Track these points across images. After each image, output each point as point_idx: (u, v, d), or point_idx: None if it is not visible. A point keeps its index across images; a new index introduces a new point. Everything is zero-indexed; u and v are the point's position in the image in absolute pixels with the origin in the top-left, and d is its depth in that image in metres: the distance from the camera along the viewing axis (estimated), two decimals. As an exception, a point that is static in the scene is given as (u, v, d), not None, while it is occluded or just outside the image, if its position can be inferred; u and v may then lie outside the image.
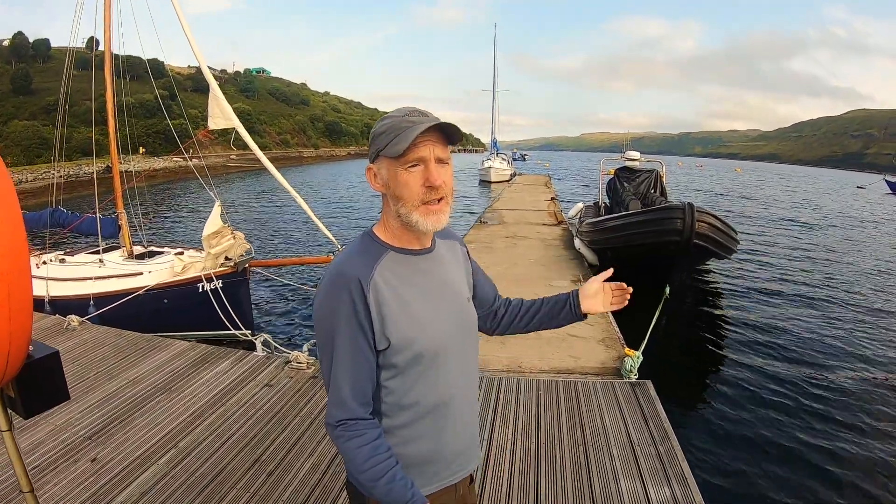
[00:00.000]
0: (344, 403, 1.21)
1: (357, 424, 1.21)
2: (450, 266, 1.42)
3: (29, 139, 39.45)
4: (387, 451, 1.21)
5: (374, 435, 1.22)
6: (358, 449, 1.19)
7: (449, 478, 1.39)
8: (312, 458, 3.41)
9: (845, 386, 6.25)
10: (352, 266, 1.23)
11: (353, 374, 1.21)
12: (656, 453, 3.42)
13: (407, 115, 1.20)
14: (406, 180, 1.20)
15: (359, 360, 1.22)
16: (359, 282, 1.20)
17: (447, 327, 1.32)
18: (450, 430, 1.34)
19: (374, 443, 1.20)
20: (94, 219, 7.51)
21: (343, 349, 1.21)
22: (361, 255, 1.26)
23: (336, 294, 1.21)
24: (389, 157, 1.20)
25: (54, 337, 5.68)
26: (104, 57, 7.28)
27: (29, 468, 3.29)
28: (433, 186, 1.20)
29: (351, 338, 1.20)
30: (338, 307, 1.20)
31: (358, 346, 1.21)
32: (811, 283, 11.31)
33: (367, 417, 1.23)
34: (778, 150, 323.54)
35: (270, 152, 72.74)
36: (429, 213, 1.22)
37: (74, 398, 4.28)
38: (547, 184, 31.37)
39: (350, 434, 1.20)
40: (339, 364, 1.21)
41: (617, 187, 13.89)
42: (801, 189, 49.56)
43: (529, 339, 5.84)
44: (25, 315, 1.16)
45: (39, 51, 63.12)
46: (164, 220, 19.59)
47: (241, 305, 6.75)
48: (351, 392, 1.21)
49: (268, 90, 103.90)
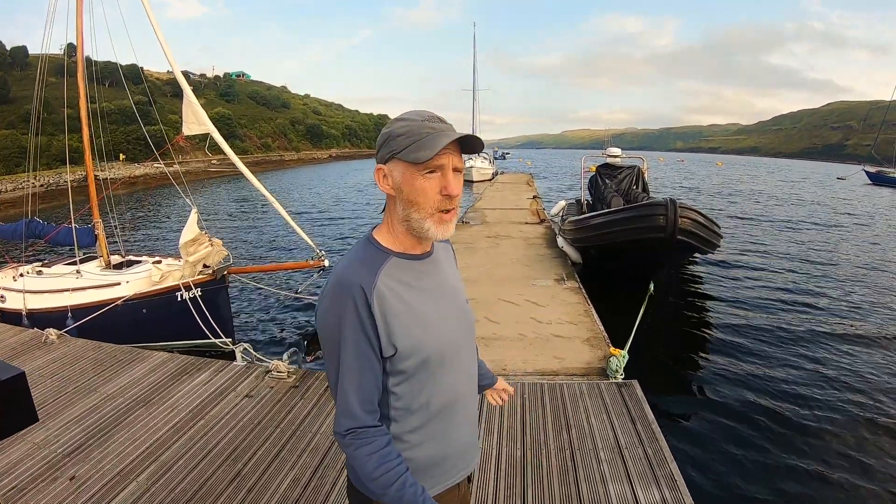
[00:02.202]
0: (351, 412, 1.21)
1: (366, 432, 1.21)
2: (448, 269, 1.43)
3: (7, 148, 38.83)
4: (397, 458, 1.22)
5: (384, 442, 1.22)
6: (368, 457, 1.19)
7: (454, 477, 1.41)
8: (294, 471, 3.36)
9: (834, 386, 6.23)
10: (354, 274, 1.21)
11: (359, 383, 1.21)
12: (644, 455, 3.40)
13: (426, 121, 1.20)
14: (423, 187, 1.20)
15: (365, 370, 1.21)
16: (362, 290, 1.18)
17: (452, 330, 1.33)
18: (456, 430, 1.37)
19: (384, 450, 1.21)
20: (70, 229, 7.37)
21: (349, 359, 1.20)
22: (364, 263, 1.24)
23: (340, 304, 1.19)
24: (406, 162, 1.19)
25: (32, 351, 5.56)
26: (81, 62, 7.16)
27: (7, 489, 3.25)
28: (450, 196, 1.21)
29: (356, 347, 1.19)
30: (342, 317, 1.19)
31: (364, 355, 1.20)
32: (797, 279, 11.33)
33: (375, 425, 1.23)
34: (759, 143, 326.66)
35: (252, 156, 72.32)
36: (441, 221, 1.24)
37: (53, 414, 4.20)
38: (529, 182, 31.46)
39: (359, 442, 1.20)
40: (345, 374, 1.21)
41: (599, 184, 13.91)
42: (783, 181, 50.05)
43: (513, 341, 5.84)
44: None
45: (17, 58, 62.17)
46: (144, 228, 19.34)
47: (220, 313, 6.66)
48: (358, 401, 1.21)
49: (248, 94, 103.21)
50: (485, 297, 7.50)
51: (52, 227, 7.80)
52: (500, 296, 7.54)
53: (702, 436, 5.11)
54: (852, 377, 6.39)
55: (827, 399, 5.87)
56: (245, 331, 8.27)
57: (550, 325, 6.30)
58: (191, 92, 6.20)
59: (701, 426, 5.31)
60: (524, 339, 5.91)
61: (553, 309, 6.90)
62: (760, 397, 5.88)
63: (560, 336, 5.92)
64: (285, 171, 62.81)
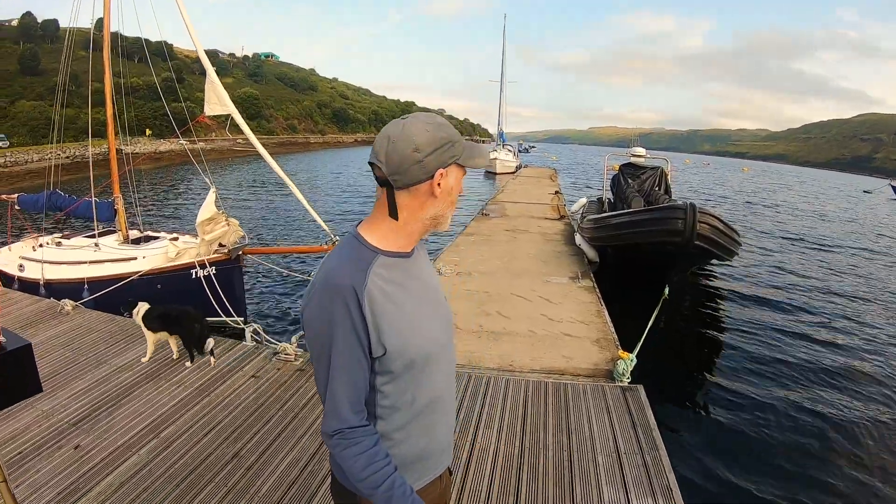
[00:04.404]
0: (340, 414, 1.20)
1: (354, 433, 1.20)
2: (429, 267, 1.43)
3: (36, 119, 39.56)
4: (385, 458, 1.22)
5: (372, 443, 1.22)
6: (356, 457, 1.19)
7: (436, 470, 1.43)
8: (292, 453, 3.38)
9: (850, 404, 6.04)
10: (345, 274, 1.19)
11: (349, 384, 1.20)
12: (643, 463, 3.36)
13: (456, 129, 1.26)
14: (457, 188, 1.28)
15: (355, 371, 1.20)
16: (354, 291, 1.17)
17: (436, 329, 1.33)
18: (439, 425, 1.38)
19: (372, 450, 1.21)
20: (91, 203, 7.47)
21: (339, 360, 1.19)
22: (352, 262, 1.22)
23: (330, 304, 1.17)
24: (461, 166, 1.27)
25: (48, 321, 5.68)
26: (107, 38, 7.22)
27: (14, 454, 3.31)
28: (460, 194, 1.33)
29: (347, 349, 1.18)
30: (333, 318, 1.17)
31: (355, 356, 1.19)
32: (819, 292, 11.06)
33: (362, 425, 1.23)
34: (786, 150, 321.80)
35: (277, 137, 72.77)
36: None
37: (63, 384, 4.29)
38: (552, 177, 31.19)
39: (347, 443, 1.20)
40: (335, 375, 1.20)
41: (621, 183, 13.79)
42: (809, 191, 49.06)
43: (523, 337, 5.81)
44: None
45: (48, 31, 63.27)
46: (165, 204, 19.56)
47: (234, 292, 6.71)
48: (347, 402, 1.20)
49: (276, 75, 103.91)
50: (498, 290, 7.47)
51: (73, 200, 7.90)
52: (513, 290, 7.50)
53: (703, 449, 4.95)
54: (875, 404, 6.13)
55: (847, 423, 5.61)
56: (257, 311, 8.34)
57: (561, 323, 6.26)
58: (213, 72, 6.22)
59: (703, 439, 5.16)
60: (534, 335, 5.88)
61: (565, 307, 6.85)
62: (770, 416, 5.71)
63: (570, 335, 5.88)
64: (309, 153, 63.04)
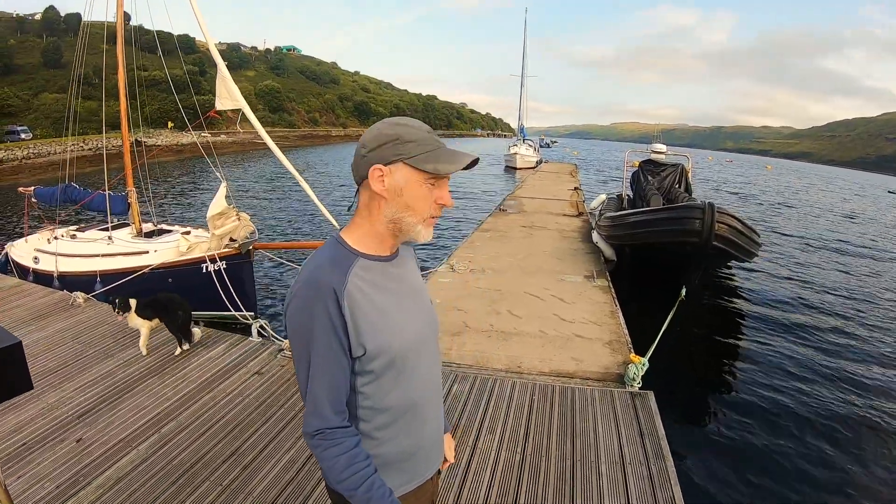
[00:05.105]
0: (321, 413, 1.21)
1: (334, 433, 1.21)
2: (413, 270, 1.44)
3: (59, 112, 40.23)
4: (365, 460, 1.23)
5: (352, 444, 1.23)
6: (336, 458, 1.20)
7: (424, 472, 1.43)
8: (290, 453, 3.35)
9: (872, 418, 5.81)
10: (325, 274, 1.21)
11: (329, 384, 1.21)
12: (647, 474, 3.25)
13: (431, 134, 1.24)
14: (424, 195, 1.23)
15: (335, 371, 1.21)
16: (333, 292, 1.18)
17: (418, 330, 1.33)
18: (424, 426, 1.38)
19: (352, 451, 1.22)
20: (105, 196, 7.53)
21: (319, 360, 1.20)
22: (333, 264, 1.24)
23: (310, 304, 1.19)
24: (416, 168, 1.21)
25: (59, 313, 5.74)
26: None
27: (16, 445, 3.32)
28: (444, 206, 1.28)
29: (327, 349, 1.19)
30: (313, 318, 1.19)
31: (335, 356, 1.20)
32: (845, 298, 10.70)
33: (343, 426, 1.23)
34: (811, 148, 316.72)
35: (299, 130, 73.23)
36: (429, 226, 1.29)
37: (70, 376, 4.32)
38: (572, 173, 30.84)
39: (327, 443, 1.21)
40: (316, 375, 1.21)
41: (641, 180, 13.59)
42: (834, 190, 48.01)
43: (533, 338, 5.72)
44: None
45: (71, 24, 64.34)
46: (181, 197, 19.70)
47: (243, 287, 6.72)
48: (328, 402, 1.21)
49: (298, 68, 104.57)
50: (510, 288, 7.38)
51: (87, 193, 7.99)
52: (526, 289, 7.41)
53: (711, 462, 4.78)
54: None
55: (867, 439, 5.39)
56: (266, 307, 8.35)
57: (573, 324, 6.15)
58: (224, 67, 6.21)
59: (712, 452, 4.98)
60: (544, 336, 5.78)
61: (578, 307, 6.74)
62: (786, 429, 5.51)
63: (581, 336, 5.77)
64: (329, 146, 63.24)
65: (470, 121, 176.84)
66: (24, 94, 46.85)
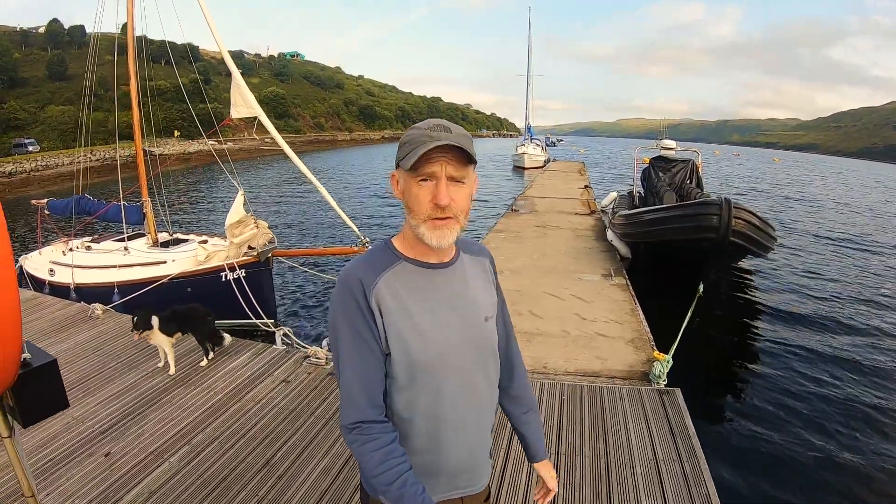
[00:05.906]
0: (356, 404, 1.21)
1: (371, 428, 1.21)
2: (472, 282, 1.38)
3: (65, 123, 40.54)
4: (401, 456, 1.21)
5: (389, 439, 1.21)
6: (371, 453, 1.19)
7: (451, 492, 1.39)
8: (325, 460, 3.32)
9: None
10: (358, 271, 1.25)
11: (360, 374, 1.22)
12: (682, 472, 3.22)
13: (429, 130, 1.18)
14: (417, 194, 1.20)
15: (366, 361, 1.22)
16: (361, 284, 1.22)
17: (453, 343, 1.28)
18: (451, 444, 1.33)
19: (388, 447, 1.20)
20: (119, 207, 7.54)
21: (349, 350, 1.22)
22: (370, 262, 1.27)
23: (342, 298, 1.24)
24: (404, 169, 1.20)
25: (78, 325, 5.73)
26: (136, 42, 7.28)
27: (43, 461, 3.30)
28: (439, 205, 1.19)
29: (357, 339, 1.21)
30: (341, 309, 1.23)
31: (365, 346, 1.22)
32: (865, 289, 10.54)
33: (381, 420, 1.23)
34: (817, 140, 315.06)
35: (304, 136, 73.44)
36: (435, 227, 1.21)
37: (93, 390, 4.30)
38: (581, 171, 30.76)
39: (364, 438, 1.20)
40: (346, 364, 1.22)
41: (652, 177, 13.53)
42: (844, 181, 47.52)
43: (556, 338, 5.69)
44: (12, 327, 1.09)
45: (74, 37, 64.80)
46: (193, 206, 19.73)
47: (263, 295, 6.71)
48: (362, 392, 1.22)
49: (302, 74, 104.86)
50: (529, 289, 7.36)
51: (101, 204, 8.00)
52: (544, 289, 7.38)
53: (743, 456, 4.74)
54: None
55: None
56: (287, 314, 8.34)
57: (595, 322, 6.12)
58: (239, 74, 6.22)
59: (745, 446, 4.92)
60: (567, 336, 5.75)
61: (598, 305, 6.70)
62: (815, 420, 5.45)
63: (604, 335, 5.74)
64: (336, 150, 63.32)
65: (475, 122, 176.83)
66: (31, 106, 47.16)
